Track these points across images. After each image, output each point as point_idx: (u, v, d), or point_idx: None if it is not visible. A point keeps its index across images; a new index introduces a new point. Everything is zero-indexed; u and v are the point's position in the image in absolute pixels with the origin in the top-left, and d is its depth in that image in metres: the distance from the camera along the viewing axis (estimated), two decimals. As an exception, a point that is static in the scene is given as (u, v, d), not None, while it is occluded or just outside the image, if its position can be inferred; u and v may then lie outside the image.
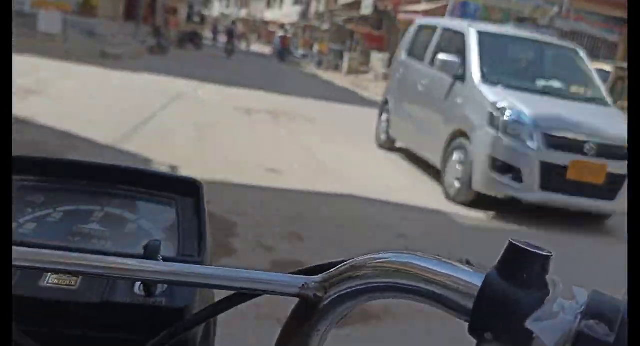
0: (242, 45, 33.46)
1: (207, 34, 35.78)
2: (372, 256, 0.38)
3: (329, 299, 0.38)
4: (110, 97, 8.27)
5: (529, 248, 0.33)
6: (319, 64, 27.30)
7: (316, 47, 33.32)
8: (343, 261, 0.39)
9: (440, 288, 0.34)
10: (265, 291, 0.40)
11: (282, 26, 44.26)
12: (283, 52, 28.92)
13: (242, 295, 0.42)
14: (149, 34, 20.30)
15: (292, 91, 12.68)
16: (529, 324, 0.31)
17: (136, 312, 0.51)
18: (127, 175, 0.66)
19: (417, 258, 0.36)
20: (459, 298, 0.34)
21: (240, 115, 8.51)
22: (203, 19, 36.21)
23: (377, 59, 24.07)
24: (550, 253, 0.33)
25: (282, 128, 8.13)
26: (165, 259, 0.49)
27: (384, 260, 0.37)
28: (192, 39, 24.24)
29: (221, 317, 0.48)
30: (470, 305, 0.33)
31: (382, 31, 25.61)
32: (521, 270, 0.32)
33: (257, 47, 41.14)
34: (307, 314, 0.39)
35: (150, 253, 0.49)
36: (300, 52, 32.43)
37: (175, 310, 0.52)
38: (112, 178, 0.66)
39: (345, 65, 24.56)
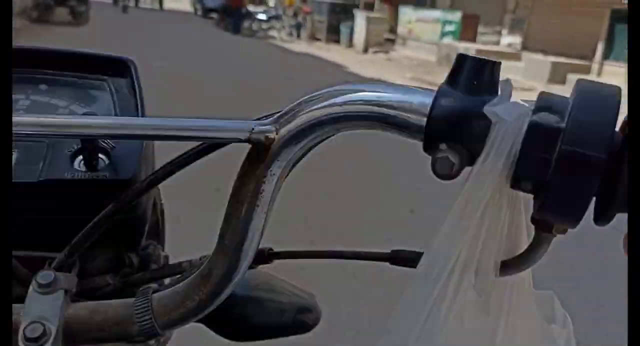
0: (147, 1, 23.04)
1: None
2: (320, 91, 0.36)
3: (281, 140, 0.36)
4: None
5: (477, 56, 0.33)
6: (298, 33, 16.55)
7: (273, 1, 20.78)
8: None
9: (391, 110, 0.33)
10: (213, 139, 0.37)
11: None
12: (235, 14, 16.47)
13: (187, 157, 0.40)
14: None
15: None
16: (485, 109, 0.31)
17: (78, 188, 0.48)
18: (51, 58, 0.60)
19: (365, 85, 0.35)
20: (411, 117, 0.33)
21: None
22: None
23: (419, 20, 13.70)
24: (499, 61, 0.33)
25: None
26: None
27: (332, 92, 0.35)
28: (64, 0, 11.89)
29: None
30: (423, 121, 0.33)
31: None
32: (471, 78, 0.32)
33: (170, 4, 26.68)
34: (259, 158, 0.37)
35: None
36: (264, 11, 18.38)
37: (119, 181, 0.49)
38: (35, 63, 0.59)
39: (361, 33, 13.76)
